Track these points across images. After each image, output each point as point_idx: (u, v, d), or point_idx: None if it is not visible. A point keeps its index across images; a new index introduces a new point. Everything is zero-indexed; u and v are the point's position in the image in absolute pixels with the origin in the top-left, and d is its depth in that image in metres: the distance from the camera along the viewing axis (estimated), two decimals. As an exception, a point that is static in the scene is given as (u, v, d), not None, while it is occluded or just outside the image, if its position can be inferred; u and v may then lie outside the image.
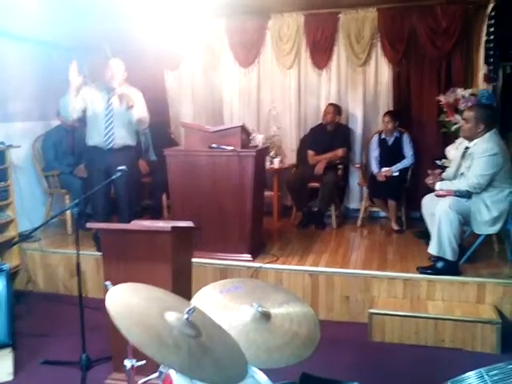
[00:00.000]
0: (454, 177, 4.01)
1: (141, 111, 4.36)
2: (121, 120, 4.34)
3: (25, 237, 4.45)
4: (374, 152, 5.40)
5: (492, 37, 4.47)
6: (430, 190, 4.10)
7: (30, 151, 5.31)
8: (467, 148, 3.89)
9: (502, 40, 4.45)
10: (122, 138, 4.39)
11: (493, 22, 4.46)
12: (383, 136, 5.38)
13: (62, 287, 4.54)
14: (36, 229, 3.74)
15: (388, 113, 5.30)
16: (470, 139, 3.86)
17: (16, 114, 5.09)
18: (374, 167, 5.35)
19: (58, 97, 5.18)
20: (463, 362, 3.24)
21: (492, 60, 4.51)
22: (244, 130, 4.26)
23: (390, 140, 5.33)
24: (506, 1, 4.39)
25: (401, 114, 5.37)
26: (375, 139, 5.46)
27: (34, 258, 4.63)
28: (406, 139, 5.29)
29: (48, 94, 5.29)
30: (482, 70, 4.68)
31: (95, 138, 4.38)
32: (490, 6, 4.48)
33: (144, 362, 1.82)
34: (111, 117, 4.33)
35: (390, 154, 5.28)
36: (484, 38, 4.61)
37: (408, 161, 5.25)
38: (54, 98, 5.24)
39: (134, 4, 4.51)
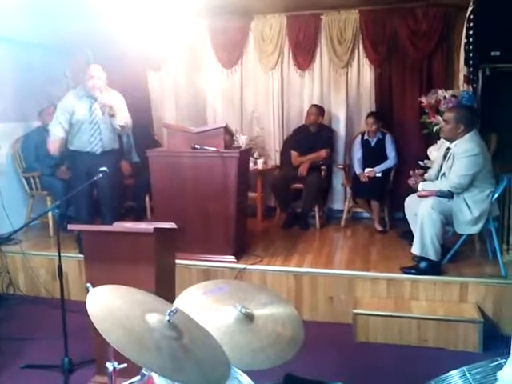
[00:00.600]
0: (436, 177, 4.05)
1: (123, 118, 4.34)
2: (106, 125, 4.32)
3: (5, 239, 4.39)
4: (357, 153, 5.43)
5: (471, 39, 4.52)
6: (413, 190, 4.13)
7: (10, 152, 5.24)
8: (448, 149, 3.93)
9: (480, 42, 4.51)
10: (108, 142, 4.38)
11: (472, 24, 4.51)
12: (366, 137, 5.41)
13: (44, 290, 4.48)
14: (17, 231, 3.70)
15: (372, 114, 5.33)
16: (451, 140, 3.90)
17: (-4, 115, 5.03)
18: (357, 168, 5.38)
19: (38, 97, 5.15)
20: (446, 361, 3.26)
21: (472, 62, 4.56)
22: (227, 130, 4.25)
23: (373, 141, 5.36)
24: (484, 4, 4.45)
25: (383, 115, 5.40)
26: (358, 140, 5.49)
27: (14, 260, 4.56)
28: (388, 140, 5.33)
29: (28, 95, 5.23)
30: (462, 71, 4.73)
31: (81, 143, 4.34)
32: (469, 8, 4.53)
33: (125, 364, 1.80)
34: (96, 123, 4.29)
35: (373, 155, 5.31)
36: (464, 41, 4.66)
37: (391, 162, 5.29)
38: (35, 98, 5.20)
39: (116, 5, 4.47)
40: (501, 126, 4.66)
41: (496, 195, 3.81)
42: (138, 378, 1.79)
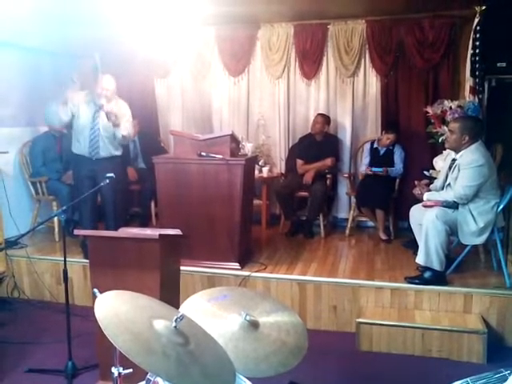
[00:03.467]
0: (442, 188, 4.05)
1: (126, 128, 4.40)
2: (106, 133, 4.38)
3: (11, 243, 4.41)
4: (365, 160, 5.44)
5: (477, 50, 4.54)
6: (418, 200, 4.13)
7: (17, 157, 5.27)
8: (454, 160, 3.93)
9: (487, 54, 4.53)
10: (106, 149, 4.43)
11: (478, 36, 4.53)
12: (375, 145, 5.41)
13: (48, 294, 4.49)
14: (23, 235, 3.73)
15: (392, 130, 5.29)
16: (455, 150, 3.90)
17: (3, 120, 5.05)
18: (363, 168, 5.39)
19: (46, 103, 5.18)
20: (450, 371, 3.25)
21: (478, 73, 4.58)
22: (233, 138, 4.27)
23: (382, 150, 5.36)
24: (490, 16, 4.47)
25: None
26: (367, 147, 5.49)
27: (20, 264, 4.58)
28: (397, 150, 5.32)
29: (36, 100, 5.26)
30: (468, 82, 4.74)
31: (80, 147, 4.41)
32: (476, 20, 4.55)
33: (131, 370, 1.81)
34: (97, 129, 4.35)
35: (381, 163, 5.28)
36: (470, 52, 4.68)
37: (397, 171, 5.28)
38: (42, 103, 5.23)
39: (125, 11, 4.51)
40: (506, 136, 4.66)
41: (501, 206, 3.80)
42: (143, 383, 1.80)
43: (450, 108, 4.61)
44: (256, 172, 5.26)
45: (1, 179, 4.67)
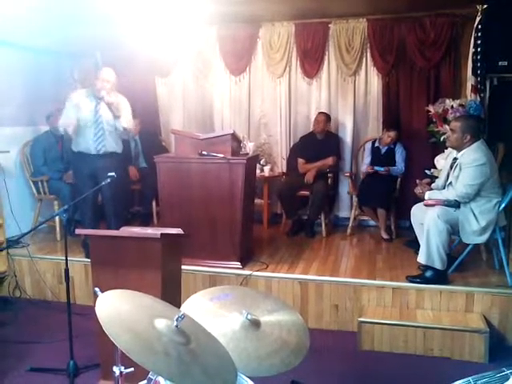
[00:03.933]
0: (443, 187, 4.04)
1: (127, 121, 4.40)
2: (109, 126, 4.36)
3: (13, 242, 4.42)
4: (366, 159, 5.43)
5: (479, 49, 4.54)
6: (420, 199, 4.12)
7: (18, 156, 5.28)
8: (456, 158, 3.92)
9: (488, 52, 4.52)
10: (111, 144, 4.41)
11: (479, 34, 4.52)
12: (377, 144, 5.40)
13: (50, 294, 4.50)
14: (24, 234, 3.73)
15: (393, 128, 5.28)
16: (457, 149, 3.90)
17: (4, 119, 5.06)
18: (365, 167, 5.38)
19: (47, 102, 5.19)
20: (451, 370, 3.25)
21: (479, 72, 4.57)
22: (234, 137, 4.26)
23: (384, 149, 5.36)
24: (492, 14, 4.46)
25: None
26: (368, 146, 5.48)
27: (21, 263, 4.58)
28: (399, 148, 5.31)
29: (37, 99, 5.26)
30: (469, 80, 4.73)
31: (84, 144, 4.37)
32: (477, 19, 4.55)
33: (132, 369, 1.81)
34: (100, 123, 4.33)
35: (382, 162, 5.28)
36: (471, 50, 4.67)
37: (398, 170, 5.27)
38: (43, 103, 5.24)
39: (126, 10, 4.51)
40: (508, 135, 4.66)
41: (503, 205, 3.79)
42: (145, 382, 1.81)
43: (452, 107, 4.61)
44: (257, 171, 5.25)
45: (2, 178, 4.67)
